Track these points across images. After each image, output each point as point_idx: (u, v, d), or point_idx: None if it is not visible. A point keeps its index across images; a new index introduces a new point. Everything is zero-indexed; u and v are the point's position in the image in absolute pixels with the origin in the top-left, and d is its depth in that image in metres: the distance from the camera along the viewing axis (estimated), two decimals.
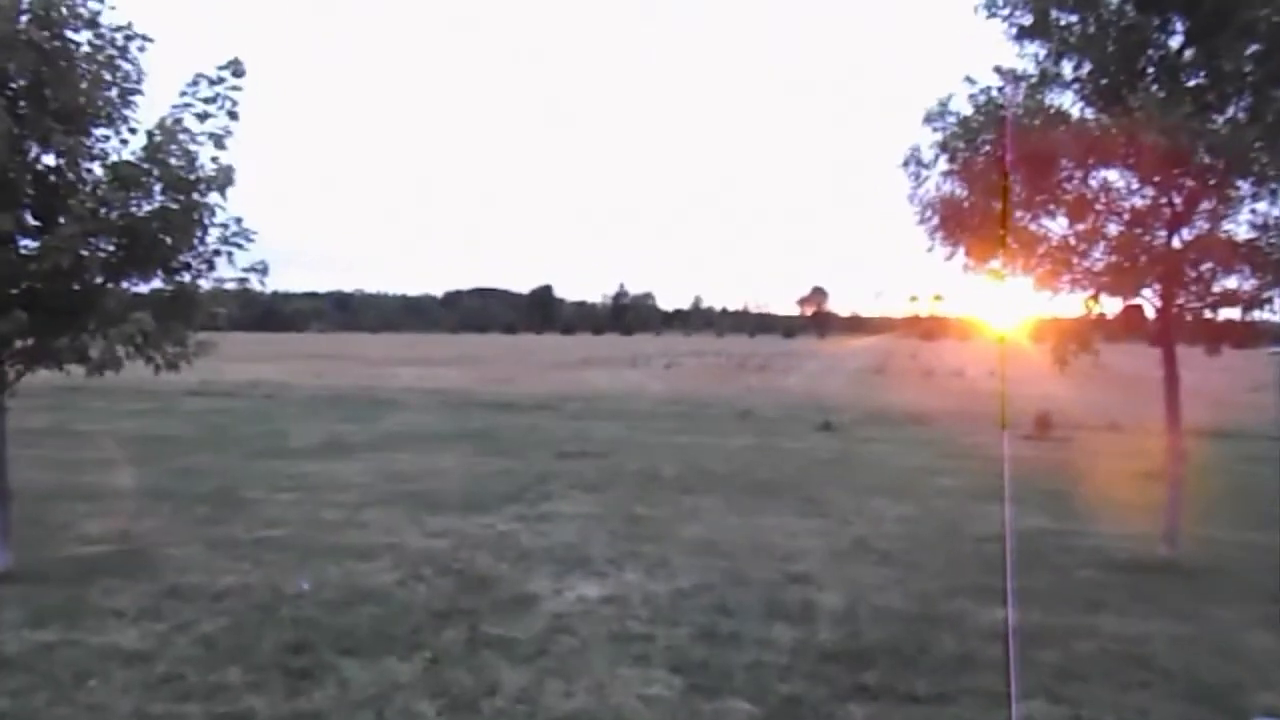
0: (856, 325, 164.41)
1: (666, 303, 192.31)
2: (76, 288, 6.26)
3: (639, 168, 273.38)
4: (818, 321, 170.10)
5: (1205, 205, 6.84)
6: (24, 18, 6.03)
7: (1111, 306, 7.29)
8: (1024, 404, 18.50)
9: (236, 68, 6.47)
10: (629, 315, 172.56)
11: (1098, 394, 21.34)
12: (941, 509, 9.80)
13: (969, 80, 7.13)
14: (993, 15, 7.18)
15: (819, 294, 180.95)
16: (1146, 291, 7.15)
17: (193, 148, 6.42)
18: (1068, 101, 7.03)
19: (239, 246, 6.72)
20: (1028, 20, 7.05)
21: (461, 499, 9.84)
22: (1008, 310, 7.84)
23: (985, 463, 12.91)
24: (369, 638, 5.37)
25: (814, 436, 16.61)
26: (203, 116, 6.46)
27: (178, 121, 6.41)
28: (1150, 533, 7.83)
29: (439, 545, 7.77)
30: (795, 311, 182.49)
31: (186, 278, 6.68)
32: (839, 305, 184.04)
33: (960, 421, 18.87)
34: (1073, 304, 7.28)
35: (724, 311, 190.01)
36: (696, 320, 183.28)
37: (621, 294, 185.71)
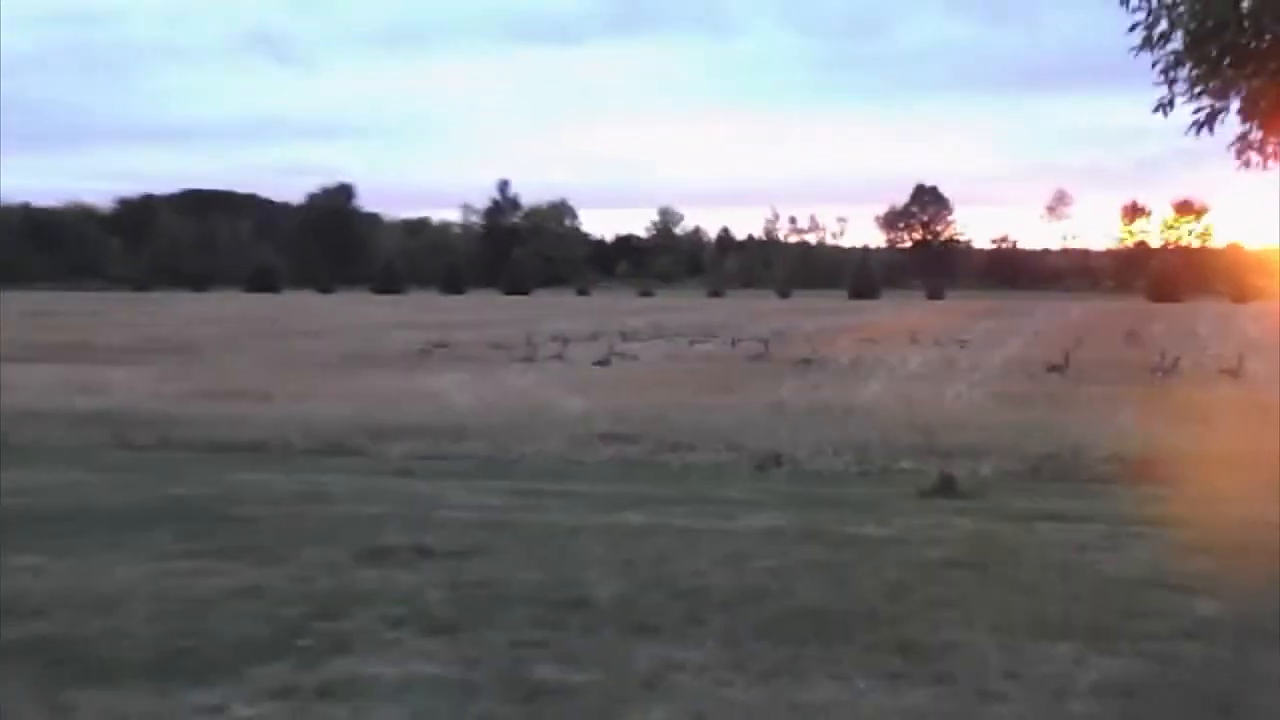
0: (1005, 268, 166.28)
1: (600, 224, 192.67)
2: None
3: None
4: (924, 261, 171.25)
5: None
6: None
7: None
8: None
9: None
10: (520, 251, 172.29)
11: None
12: (1194, 664, 9.87)
13: None
14: None
15: (926, 203, 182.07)
16: None
17: None
18: None
19: None
20: None
21: (153, 653, 9.69)
22: None
23: None
24: None
25: (918, 508, 16.70)
26: None
27: None
28: None
29: None
30: (876, 241, 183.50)
31: None
32: (968, 228, 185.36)
33: (1233, 474, 19.04)
34: None
35: (724, 243, 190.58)
36: (666, 261, 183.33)
37: (504, 203, 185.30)
